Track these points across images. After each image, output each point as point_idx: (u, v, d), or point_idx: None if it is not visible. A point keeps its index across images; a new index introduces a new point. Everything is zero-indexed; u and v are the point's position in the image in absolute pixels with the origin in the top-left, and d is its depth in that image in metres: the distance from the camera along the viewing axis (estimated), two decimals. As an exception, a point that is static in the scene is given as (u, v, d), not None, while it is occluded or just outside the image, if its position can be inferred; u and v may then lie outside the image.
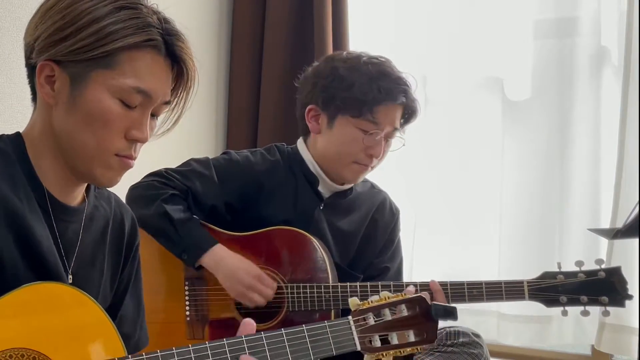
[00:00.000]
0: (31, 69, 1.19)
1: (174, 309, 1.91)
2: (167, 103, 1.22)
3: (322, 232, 1.95)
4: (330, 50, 2.59)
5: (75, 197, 1.25)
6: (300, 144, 2.01)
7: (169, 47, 1.18)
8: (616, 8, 2.31)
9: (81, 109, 1.14)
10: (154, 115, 1.21)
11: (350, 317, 1.32)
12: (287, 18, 2.72)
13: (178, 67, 1.21)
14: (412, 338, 1.33)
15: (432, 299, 1.77)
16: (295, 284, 1.86)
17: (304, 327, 1.28)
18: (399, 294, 1.36)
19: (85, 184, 1.26)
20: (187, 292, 1.91)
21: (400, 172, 2.58)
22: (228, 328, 1.88)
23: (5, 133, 1.99)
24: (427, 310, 1.33)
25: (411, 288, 1.79)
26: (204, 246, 1.85)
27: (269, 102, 2.72)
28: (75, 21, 1.13)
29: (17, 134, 1.22)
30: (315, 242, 1.88)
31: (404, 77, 1.91)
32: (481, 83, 2.54)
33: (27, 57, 1.19)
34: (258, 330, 1.86)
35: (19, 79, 2.04)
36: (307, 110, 1.95)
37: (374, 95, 1.85)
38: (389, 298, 1.34)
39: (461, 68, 2.54)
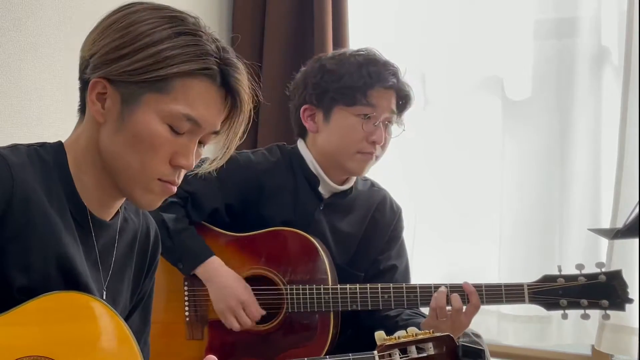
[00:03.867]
0: (84, 82, 1.18)
1: (174, 310, 1.91)
2: (216, 133, 1.20)
3: (322, 233, 1.95)
4: (330, 50, 2.59)
5: (111, 212, 1.25)
6: (300, 144, 2.00)
7: (224, 77, 1.16)
8: (616, 8, 2.30)
9: (129, 130, 1.14)
10: (201, 143, 1.21)
11: (375, 351, 1.30)
12: (287, 18, 2.72)
13: (232, 99, 1.19)
14: None
15: (466, 300, 1.77)
16: (294, 285, 1.85)
17: (328, 358, 1.28)
18: (427, 331, 1.34)
19: (122, 200, 1.26)
20: (186, 293, 1.91)
21: (400, 171, 2.58)
22: (227, 329, 1.88)
23: (5, 131, 2.01)
24: (453, 350, 1.31)
25: (443, 289, 1.78)
26: (199, 258, 1.85)
27: (269, 102, 2.72)
28: (134, 42, 1.11)
29: (60, 143, 1.21)
30: (315, 243, 1.88)
31: (391, 62, 1.93)
32: (481, 83, 2.54)
33: (82, 71, 1.18)
34: (256, 332, 1.87)
35: (19, 78, 2.04)
36: (302, 110, 1.95)
37: (365, 80, 1.86)
38: (416, 335, 1.32)
39: (461, 68, 2.54)
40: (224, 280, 1.84)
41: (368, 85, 1.86)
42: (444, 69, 2.57)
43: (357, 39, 2.66)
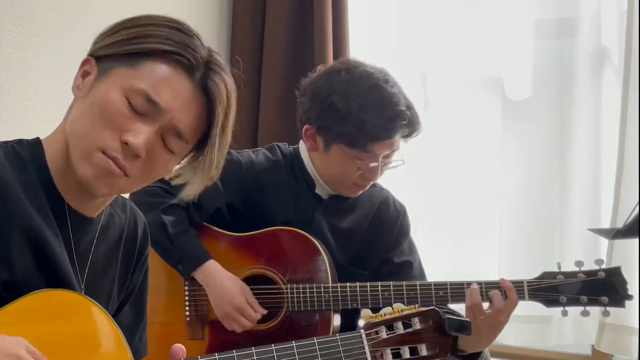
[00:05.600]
0: None
1: (174, 309, 1.91)
2: (179, 135, 1.14)
3: (323, 233, 1.94)
4: (330, 50, 2.59)
5: (92, 207, 1.23)
6: (302, 146, 1.99)
7: (204, 79, 1.14)
8: (616, 8, 2.31)
9: (90, 98, 1.13)
10: (166, 145, 1.15)
11: (362, 330, 1.30)
12: (287, 18, 2.72)
13: (209, 103, 1.15)
14: (424, 352, 1.30)
15: (504, 296, 1.73)
16: (294, 285, 1.85)
17: (315, 340, 1.27)
18: (412, 306, 1.34)
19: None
20: (186, 293, 1.91)
21: (400, 171, 2.58)
22: (228, 329, 1.88)
23: (6, 132, 2.01)
24: (440, 324, 1.31)
25: (475, 286, 1.73)
26: (197, 261, 1.85)
27: (269, 102, 2.72)
28: (125, 25, 1.15)
29: (37, 139, 1.20)
30: (315, 242, 1.88)
31: (403, 111, 1.82)
32: (481, 83, 2.54)
33: None
34: (257, 331, 1.87)
35: (19, 78, 2.04)
36: (304, 129, 1.92)
37: (370, 133, 1.80)
38: (402, 311, 1.32)
39: (461, 68, 2.54)
40: (220, 285, 1.84)
41: (371, 138, 1.81)
42: (445, 69, 2.57)
43: (358, 39, 2.66)
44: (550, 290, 1.75)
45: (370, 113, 1.79)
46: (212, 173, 1.20)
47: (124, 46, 1.12)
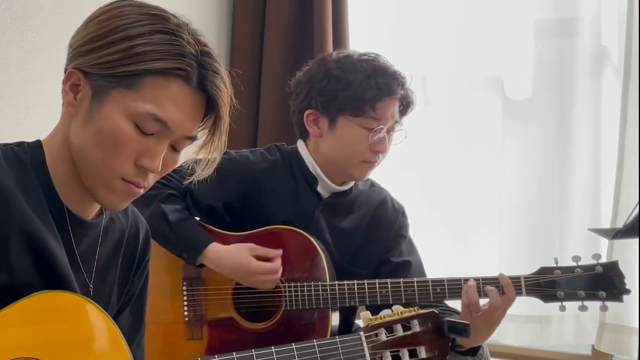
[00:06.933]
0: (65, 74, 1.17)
1: (173, 310, 1.91)
2: (191, 138, 1.16)
3: (322, 232, 1.95)
4: (330, 50, 2.59)
5: (92, 211, 1.23)
6: (300, 144, 2.00)
7: (201, 81, 1.13)
8: (616, 8, 2.31)
9: (95, 124, 1.11)
10: (175, 149, 1.17)
11: (362, 332, 1.31)
12: (287, 18, 2.72)
13: (210, 105, 1.16)
14: (423, 354, 1.31)
15: (501, 292, 1.72)
16: (292, 283, 1.85)
17: (315, 342, 1.28)
18: (412, 309, 1.34)
19: None
20: (185, 293, 1.91)
21: (400, 171, 2.59)
22: (226, 328, 1.88)
23: (7, 132, 2.01)
24: (439, 327, 1.31)
25: (472, 282, 1.73)
26: (200, 245, 1.85)
27: (269, 102, 2.72)
28: (108, 35, 1.10)
29: (38, 142, 1.20)
30: (313, 240, 1.88)
31: (398, 71, 1.92)
32: (481, 82, 2.54)
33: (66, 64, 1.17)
34: (256, 331, 1.88)
35: (19, 78, 2.04)
36: (305, 115, 1.93)
37: (374, 92, 1.84)
38: (401, 313, 1.32)
39: (461, 67, 2.55)
40: (229, 263, 1.83)
41: (377, 97, 1.84)
42: (445, 69, 2.57)
43: (357, 39, 2.66)
44: (548, 285, 1.75)
45: (371, 75, 1.86)
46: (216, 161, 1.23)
47: (115, 68, 1.09)
